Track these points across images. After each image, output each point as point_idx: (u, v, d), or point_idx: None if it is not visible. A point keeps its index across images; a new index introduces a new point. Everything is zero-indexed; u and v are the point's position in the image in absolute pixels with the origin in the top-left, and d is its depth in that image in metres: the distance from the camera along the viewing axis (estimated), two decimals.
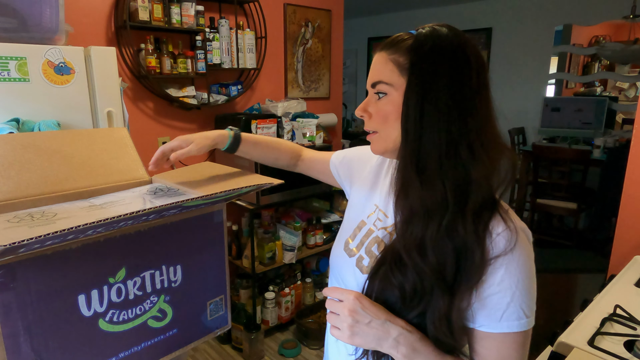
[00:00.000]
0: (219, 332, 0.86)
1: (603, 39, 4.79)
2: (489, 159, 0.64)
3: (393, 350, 0.61)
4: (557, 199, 3.48)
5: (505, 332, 0.62)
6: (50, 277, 0.61)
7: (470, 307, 0.62)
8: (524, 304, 0.61)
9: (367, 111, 0.70)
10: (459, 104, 0.62)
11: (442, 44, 0.63)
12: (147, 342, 0.74)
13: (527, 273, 0.62)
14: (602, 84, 5.03)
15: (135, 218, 0.59)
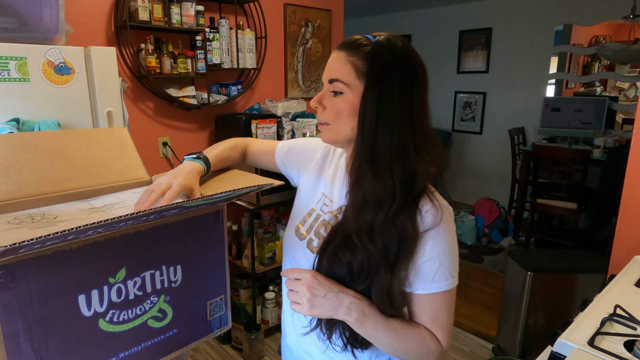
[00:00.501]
0: (219, 332, 0.86)
1: (603, 39, 4.79)
2: (430, 157, 0.75)
3: (346, 317, 0.72)
4: (557, 199, 3.48)
5: (436, 292, 0.74)
6: (51, 277, 0.61)
7: (408, 275, 0.74)
8: (450, 267, 0.74)
9: (321, 104, 0.79)
10: (408, 110, 0.72)
11: (397, 55, 0.73)
12: (147, 342, 0.74)
13: (450, 242, 0.74)
14: (602, 84, 5.03)
15: (135, 218, 0.59)
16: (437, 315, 0.76)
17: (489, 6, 4.61)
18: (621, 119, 4.51)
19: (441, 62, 5.11)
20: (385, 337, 0.73)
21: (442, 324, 0.76)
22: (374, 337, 0.74)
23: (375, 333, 0.73)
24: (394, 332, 0.73)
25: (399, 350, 0.75)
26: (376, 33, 0.77)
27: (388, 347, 0.75)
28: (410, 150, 0.72)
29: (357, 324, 0.72)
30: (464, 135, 5.05)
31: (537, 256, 2.28)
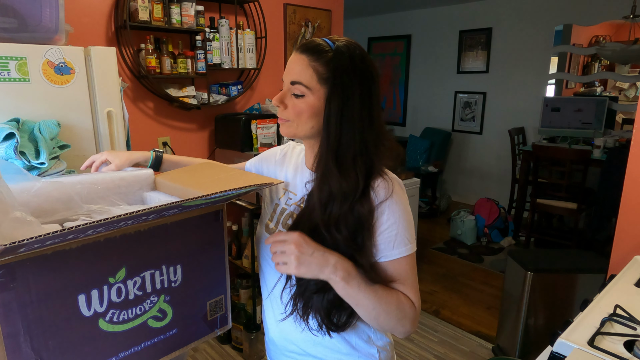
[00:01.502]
0: (219, 332, 0.86)
1: (603, 39, 4.79)
2: (386, 151, 0.83)
3: (332, 275, 0.74)
4: (557, 199, 3.48)
5: (399, 258, 0.80)
6: (50, 277, 0.61)
7: (373, 246, 0.80)
8: (407, 233, 0.81)
9: (283, 102, 0.84)
10: (368, 112, 0.80)
11: (355, 62, 0.79)
12: (147, 342, 0.74)
13: (404, 210, 0.81)
14: (602, 84, 5.03)
15: (135, 218, 0.59)
16: (405, 279, 0.81)
17: (489, 6, 4.61)
18: (621, 119, 4.51)
19: (441, 62, 5.11)
20: (368, 298, 0.76)
21: (412, 286, 0.81)
22: (357, 299, 0.76)
23: (359, 294, 0.75)
24: (376, 294, 0.76)
25: (380, 313, 0.77)
26: (335, 37, 0.82)
27: (370, 310, 0.76)
28: (370, 147, 0.80)
29: (342, 283, 0.75)
30: (464, 135, 5.05)
31: (537, 256, 2.28)
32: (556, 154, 3.45)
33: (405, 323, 0.79)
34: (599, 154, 3.60)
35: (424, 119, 5.42)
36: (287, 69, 0.84)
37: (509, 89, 4.59)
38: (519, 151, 4.24)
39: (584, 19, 4.07)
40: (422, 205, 4.59)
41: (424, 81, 5.36)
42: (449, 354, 2.36)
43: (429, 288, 3.11)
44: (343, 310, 0.82)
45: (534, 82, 4.40)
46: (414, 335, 2.52)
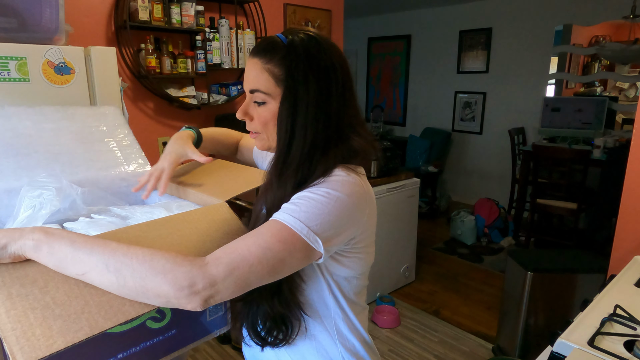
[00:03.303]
0: (218, 332, 0.86)
1: (603, 39, 4.79)
2: (352, 149, 0.74)
3: (27, 241, 0.57)
4: (557, 199, 3.48)
5: (273, 219, 0.66)
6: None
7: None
8: (300, 209, 0.65)
9: (248, 114, 0.77)
10: (325, 110, 0.71)
11: (312, 55, 0.71)
12: (146, 342, 0.73)
13: (321, 198, 0.66)
14: (602, 84, 5.03)
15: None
16: (248, 236, 0.64)
17: (489, 6, 4.60)
18: (621, 119, 4.51)
19: (441, 62, 5.11)
20: (92, 253, 0.57)
21: (238, 247, 0.62)
22: (76, 259, 0.57)
23: (76, 252, 0.57)
24: (105, 248, 0.57)
25: (124, 271, 0.56)
26: (292, 30, 0.75)
27: (104, 272, 0.57)
28: (324, 149, 0.71)
29: (45, 246, 0.57)
30: (464, 135, 5.05)
31: (537, 256, 2.28)
32: (556, 154, 3.45)
33: (167, 278, 0.56)
34: (599, 154, 3.60)
35: (424, 119, 5.42)
36: (244, 77, 0.76)
37: (509, 89, 4.59)
38: (519, 151, 4.24)
39: (584, 19, 4.07)
40: (422, 205, 4.59)
41: (424, 81, 5.36)
42: (449, 354, 2.36)
43: (429, 288, 3.11)
44: (270, 320, 0.75)
45: (534, 82, 4.40)
46: (413, 335, 2.52)
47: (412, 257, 3.12)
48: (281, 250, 0.63)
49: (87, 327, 0.56)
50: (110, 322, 0.57)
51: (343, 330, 0.79)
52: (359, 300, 0.82)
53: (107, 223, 0.79)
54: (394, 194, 2.78)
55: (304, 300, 0.77)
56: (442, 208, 4.80)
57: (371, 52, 5.85)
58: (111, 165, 1.04)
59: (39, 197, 0.71)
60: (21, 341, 0.51)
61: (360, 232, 0.73)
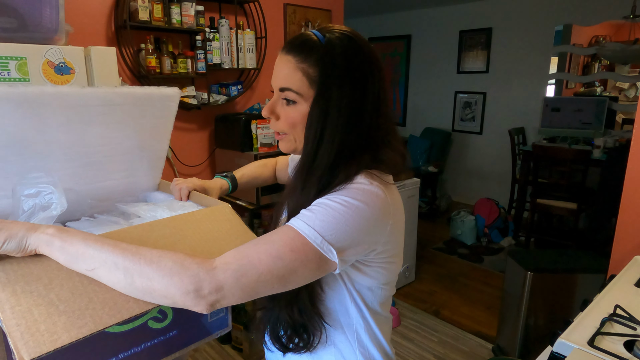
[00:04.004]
0: (219, 334, 0.86)
1: (603, 39, 4.79)
2: (381, 156, 0.71)
3: (42, 235, 0.58)
4: (557, 199, 3.48)
5: (287, 225, 0.64)
6: None
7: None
8: (315, 217, 0.63)
9: (274, 113, 0.73)
10: (357, 116, 0.68)
11: (350, 59, 0.67)
12: (147, 343, 0.73)
13: (335, 204, 0.63)
14: (602, 84, 5.03)
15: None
16: (260, 240, 0.63)
17: (489, 6, 4.60)
18: (621, 119, 4.51)
19: (441, 62, 5.11)
20: (102, 251, 0.57)
21: (247, 251, 0.61)
22: (86, 255, 0.57)
23: (87, 248, 0.57)
24: (115, 247, 0.58)
25: (132, 270, 0.57)
26: (328, 28, 0.70)
27: (113, 269, 0.57)
28: (343, 159, 0.68)
29: (57, 241, 0.57)
30: (464, 135, 5.05)
31: (537, 256, 2.28)
32: (556, 154, 3.45)
33: (173, 280, 0.56)
34: (599, 154, 3.60)
35: (424, 119, 5.42)
36: (274, 73, 0.73)
37: (509, 89, 4.59)
38: (519, 151, 4.24)
39: (584, 19, 4.07)
40: (422, 205, 4.59)
41: (424, 81, 5.36)
42: (449, 354, 2.36)
43: (429, 288, 3.11)
44: (290, 328, 0.74)
45: (534, 82, 4.40)
46: (413, 335, 2.52)
47: (412, 257, 3.12)
48: (292, 260, 0.60)
49: (91, 323, 0.56)
50: (114, 318, 0.58)
51: (364, 341, 0.77)
52: (383, 311, 0.79)
53: (109, 222, 0.79)
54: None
55: (325, 310, 0.74)
56: (442, 208, 4.80)
57: None
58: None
59: (37, 195, 0.71)
60: (25, 337, 0.52)
61: (383, 243, 0.69)
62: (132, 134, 0.87)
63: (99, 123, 0.81)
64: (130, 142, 0.88)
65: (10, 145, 0.72)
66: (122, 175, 0.91)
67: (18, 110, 0.70)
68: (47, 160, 0.77)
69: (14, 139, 0.72)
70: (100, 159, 0.85)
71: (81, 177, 0.84)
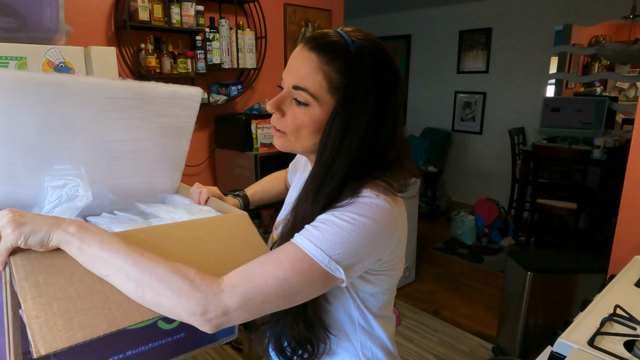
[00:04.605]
0: (224, 341, 0.86)
1: (603, 39, 4.79)
2: (391, 173, 0.69)
3: (63, 233, 0.57)
4: (557, 199, 3.48)
5: (293, 243, 0.62)
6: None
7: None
8: (321, 235, 0.61)
9: (281, 109, 0.68)
10: (374, 132, 0.65)
11: (378, 74, 0.64)
12: (155, 343, 0.74)
13: (343, 220, 0.62)
14: (602, 84, 5.03)
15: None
16: (266, 258, 0.62)
17: (489, 6, 4.61)
18: (621, 119, 4.51)
19: (441, 62, 5.11)
20: (117, 258, 0.57)
21: (253, 270, 0.60)
22: (102, 260, 0.57)
23: (103, 253, 0.57)
24: (129, 256, 0.57)
25: (143, 283, 0.57)
26: (353, 32, 0.66)
27: (125, 279, 0.57)
28: (355, 175, 0.66)
29: (77, 241, 0.57)
30: (464, 135, 5.05)
31: (537, 256, 2.28)
32: (556, 154, 3.45)
33: (181, 300, 0.56)
34: (599, 154, 3.60)
35: (424, 119, 5.42)
36: (289, 67, 0.67)
37: (509, 89, 4.59)
38: (519, 151, 4.24)
39: (584, 19, 4.07)
40: (422, 205, 4.59)
41: (424, 81, 5.36)
42: (449, 354, 2.36)
43: (429, 288, 3.11)
44: (295, 340, 0.73)
45: (534, 82, 4.41)
46: (413, 335, 2.52)
47: (412, 257, 3.12)
48: (299, 282, 0.60)
49: (105, 323, 0.57)
50: (127, 320, 0.59)
51: (368, 344, 0.77)
52: (385, 313, 0.79)
53: (128, 220, 0.79)
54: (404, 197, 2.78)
55: (330, 321, 0.74)
56: (442, 208, 4.80)
57: None
58: None
59: (64, 187, 0.71)
60: (43, 330, 0.53)
61: (389, 254, 0.69)
62: (154, 133, 0.86)
63: (125, 118, 0.80)
64: (152, 141, 0.87)
65: (40, 132, 0.71)
66: (142, 174, 0.89)
67: (51, 98, 0.69)
68: (72, 151, 0.76)
69: (44, 127, 0.71)
70: (123, 155, 0.83)
71: (104, 171, 0.82)
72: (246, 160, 2.44)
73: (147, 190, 0.92)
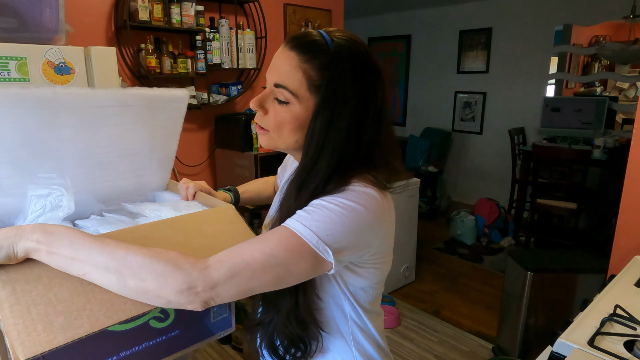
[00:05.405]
0: (222, 334, 0.85)
1: (603, 39, 4.79)
2: (378, 167, 0.69)
3: (27, 242, 0.55)
4: (557, 199, 3.48)
5: (283, 225, 0.63)
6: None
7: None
8: (311, 218, 0.62)
9: (263, 107, 0.71)
10: (358, 129, 0.66)
11: (357, 71, 0.65)
12: (149, 342, 0.73)
13: (333, 205, 0.63)
14: (602, 84, 5.03)
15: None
16: (256, 239, 0.62)
17: (489, 6, 4.61)
18: (621, 119, 4.51)
19: (441, 62, 5.12)
20: (92, 254, 0.55)
21: (242, 249, 0.60)
22: (76, 259, 0.56)
23: (76, 252, 0.56)
24: (104, 249, 0.56)
25: (124, 273, 0.56)
26: (335, 32, 0.67)
27: (104, 273, 0.56)
28: (339, 172, 0.67)
29: (44, 246, 0.55)
30: (464, 135, 5.05)
31: (537, 256, 2.28)
32: (556, 154, 3.45)
33: (167, 281, 0.56)
34: (599, 154, 3.60)
35: (424, 119, 5.42)
36: (271, 66, 0.69)
37: (509, 89, 4.59)
38: (519, 151, 4.24)
39: (584, 19, 4.07)
40: (422, 205, 4.59)
41: (424, 81, 5.36)
42: (449, 354, 2.36)
43: (429, 288, 3.11)
44: (287, 339, 0.73)
45: (534, 82, 4.41)
46: (413, 335, 2.52)
47: (412, 257, 3.12)
48: (286, 258, 0.60)
49: (87, 324, 0.56)
50: (110, 319, 0.58)
51: (360, 339, 0.78)
52: (374, 308, 0.80)
53: (117, 221, 0.79)
54: (394, 194, 2.78)
55: (322, 319, 0.75)
56: (442, 208, 4.80)
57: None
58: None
59: (48, 196, 0.71)
60: (22, 336, 0.52)
61: (377, 245, 0.70)
62: (142, 135, 0.86)
63: (110, 124, 0.80)
64: (140, 143, 0.87)
65: (24, 145, 0.71)
66: (132, 175, 0.90)
67: (32, 111, 0.70)
68: (59, 160, 0.76)
69: (28, 139, 0.72)
70: (111, 159, 0.84)
71: (92, 177, 0.83)
72: (246, 160, 2.44)
73: (137, 191, 0.92)
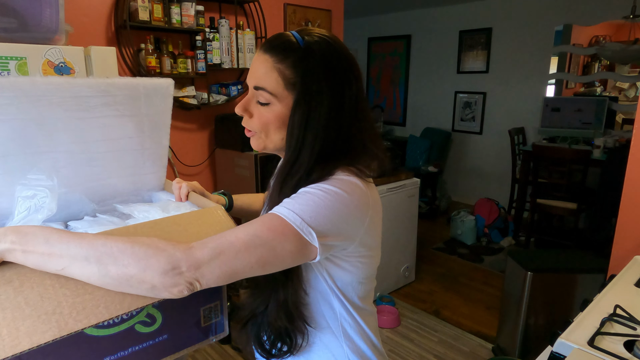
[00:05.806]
0: (214, 338, 0.83)
1: (603, 39, 4.79)
2: (361, 157, 0.72)
3: (1, 244, 0.55)
4: (557, 199, 3.48)
5: (271, 212, 0.65)
6: None
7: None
8: (297, 203, 0.64)
9: (248, 111, 0.74)
10: (336, 121, 0.69)
11: (328, 63, 0.68)
12: (135, 347, 0.71)
13: (318, 192, 0.65)
14: (602, 84, 5.03)
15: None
16: (242, 226, 0.63)
17: (489, 6, 4.60)
18: (621, 119, 4.51)
19: (441, 62, 5.12)
20: (69, 247, 0.55)
21: (228, 236, 0.61)
22: (53, 255, 0.55)
23: (52, 248, 0.55)
24: (82, 241, 0.56)
25: (105, 261, 0.55)
26: (307, 31, 0.71)
27: (84, 264, 0.55)
28: (322, 163, 0.69)
29: (18, 247, 0.55)
30: (464, 135, 5.05)
31: (537, 256, 2.28)
32: (556, 154, 3.45)
33: (150, 262, 0.56)
34: (599, 154, 3.60)
35: (424, 119, 5.42)
36: (250, 71, 0.72)
37: (509, 89, 4.59)
38: (519, 151, 4.24)
39: (584, 19, 4.07)
40: (422, 205, 4.59)
41: (424, 81, 5.36)
42: (449, 354, 2.36)
43: (429, 288, 3.11)
44: (274, 333, 0.75)
45: (534, 82, 4.40)
46: (414, 335, 2.52)
47: (412, 257, 3.12)
48: (270, 239, 0.61)
49: (55, 328, 0.55)
50: (80, 323, 0.57)
51: (351, 335, 0.78)
52: (366, 305, 0.80)
53: (108, 222, 0.79)
54: (394, 194, 2.79)
55: (309, 314, 0.75)
56: (442, 208, 4.80)
57: (371, 52, 5.85)
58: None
59: (33, 198, 0.70)
60: None
61: (362, 235, 0.70)
62: (130, 130, 0.85)
63: (97, 117, 0.79)
64: (130, 139, 0.86)
65: (11, 141, 0.70)
66: (125, 173, 0.88)
67: (15, 103, 0.68)
68: (51, 155, 0.75)
69: (14, 135, 0.70)
70: (102, 155, 0.82)
71: (85, 174, 0.81)
72: (246, 160, 2.44)
73: (133, 190, 0.91)
